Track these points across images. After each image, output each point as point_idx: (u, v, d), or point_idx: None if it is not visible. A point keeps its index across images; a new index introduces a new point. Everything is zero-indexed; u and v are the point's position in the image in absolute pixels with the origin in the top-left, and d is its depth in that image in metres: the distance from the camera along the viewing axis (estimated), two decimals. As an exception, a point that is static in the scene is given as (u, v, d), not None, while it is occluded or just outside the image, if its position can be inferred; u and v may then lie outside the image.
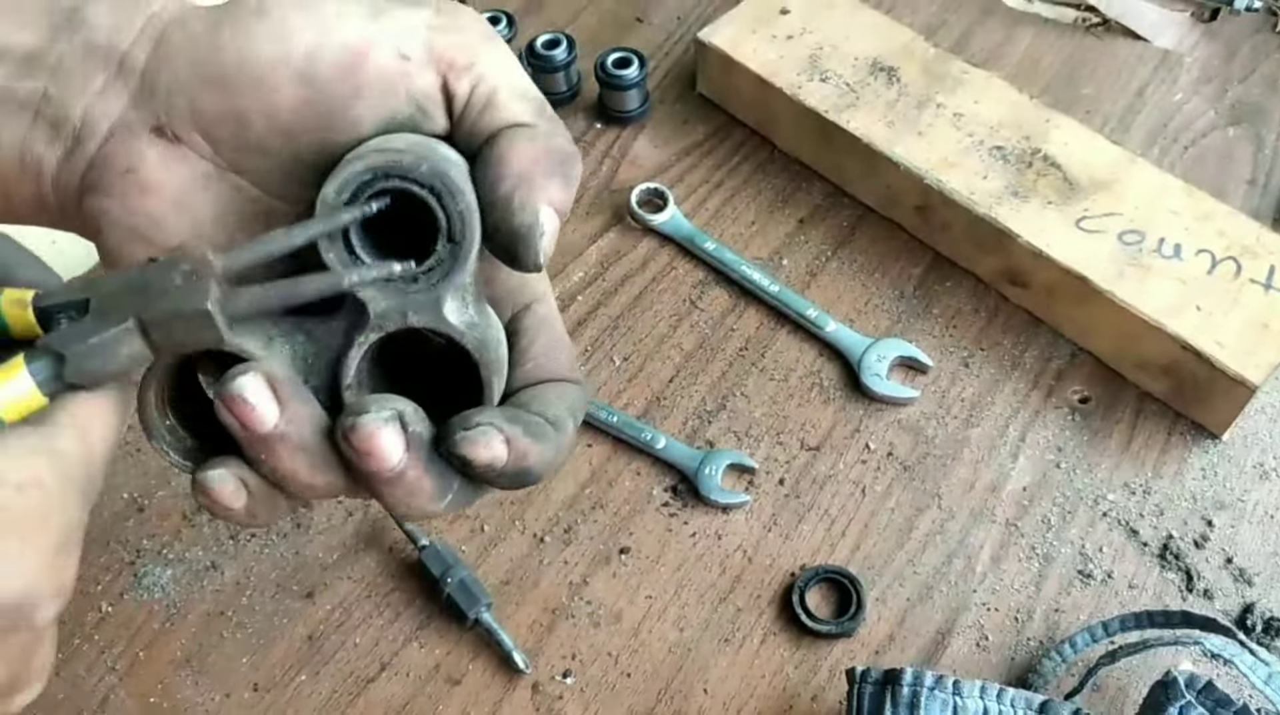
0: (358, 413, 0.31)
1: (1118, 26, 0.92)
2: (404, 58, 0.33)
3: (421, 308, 0.33)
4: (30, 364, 0.29)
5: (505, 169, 0.32)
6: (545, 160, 0.33)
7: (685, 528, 0.67)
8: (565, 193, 0.33)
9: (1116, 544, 0.65)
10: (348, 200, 0.32)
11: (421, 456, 0.32)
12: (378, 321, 0.33)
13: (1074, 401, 0.71)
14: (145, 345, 0.29)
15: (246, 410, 0.31)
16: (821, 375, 0.73)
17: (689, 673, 0.62)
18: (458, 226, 0.32)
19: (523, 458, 0.33)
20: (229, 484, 0.33)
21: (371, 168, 0.32)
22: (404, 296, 0.33)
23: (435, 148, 0.33)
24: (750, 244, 0.80)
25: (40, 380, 0.29)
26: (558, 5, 0.96)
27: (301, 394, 0.33)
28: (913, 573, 0.65)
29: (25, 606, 0.28)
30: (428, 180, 0.32)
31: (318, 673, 0.63)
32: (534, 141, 0.33)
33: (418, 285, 0.33)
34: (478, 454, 0.32)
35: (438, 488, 0.33)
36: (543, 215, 0.32)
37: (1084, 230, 0.72)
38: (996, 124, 0.78)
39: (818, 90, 0.80)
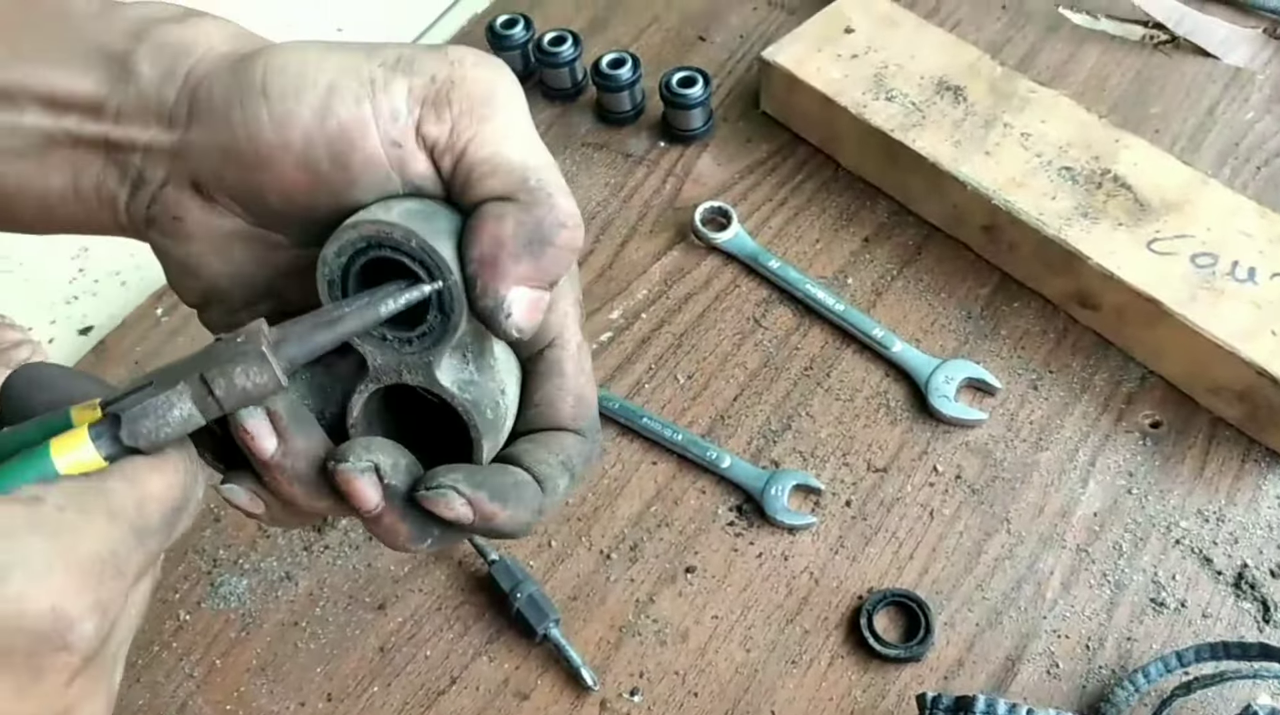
0: (339, 459, 0.34)
1: (1187, 44, 0.91)
2: (395, 144, 0.35)
3: (415, 368, 0.35)
4: (91, 429, 0.31)
5: (471, 252, 0.34)
6: (513, 240, 0.34)
7: (751, 548, 0.68)
8: (537, 268, 0.34)
9: (1190, 572, 0.65)
10: (345, 263, 0.34)
11: (396, 505, 0.35)
12: (376, 375, 0.36)
13: (1145, 426, 0.71)
14: (195, 407, 0.32)
15: (249, 439, 0.34)
16: (888, 396, 0.73)
17: (756, 694, 0.62)
18: (446, 300, 0.34)
19: (489, 519, 0.35)
20: (242, 496, 0.36)
21: (364, 237, 0.33)
22: (399, 356, 0.35)
23: (432, 217, 0.34)
24: (814, 262, 0.80)
25: (98, 442, 0.31)
26: (622, 24, 0.97)
27: (303, 429, 0.35)
28: (982, 598, 0.65)
29: (58, 620, 0.28)
30: (417, 255, 0.33)
31: (389, 684, 0.64)
32: (501, 220, 0.34)
33: (412, 348, 0.35)
34: (440, 511, 0.34)
35: (415, 532, 0.36)
36: (510, 296, 0.34)
37: (1155, 252, 0.71)
38: (1065, 144, 0.77)
39: (883, 109, 0.80)
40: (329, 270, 0.34)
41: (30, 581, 0.27)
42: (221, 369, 0.31)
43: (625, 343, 0.77)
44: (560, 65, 0.89)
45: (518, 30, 0.91)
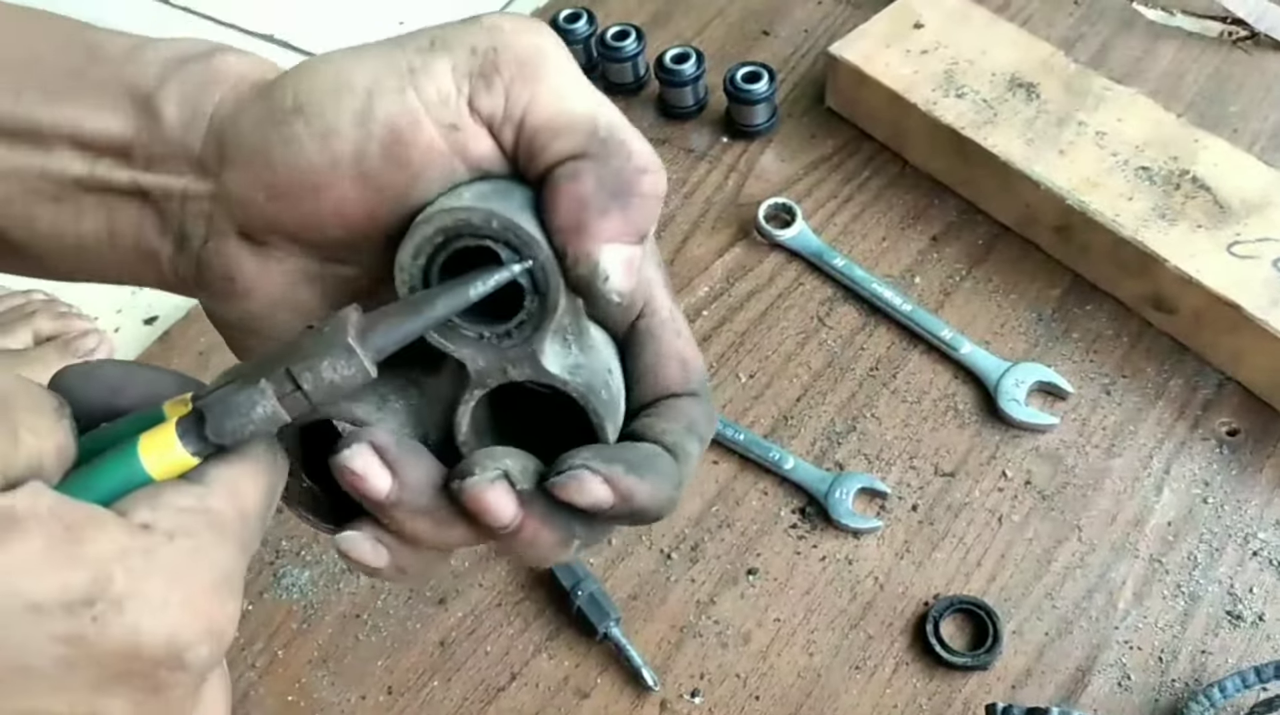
0: (463, 476, 0.32)
1: (1267, 40, 0.88)
2: (452, 128, 0.32)
3: (519, 362, 0.33)
4: (178, 426, 0.30)
5: (555, 221, 0.31)
6: (595, 197, 0.31)
7: (814, 551, 0.67)
8: (626, 221, 0.31)
9: (1268, 585, 0.63)
10: (424, 264, 0.32)
11: (536, 510, 0.32)
12: (479, 379, 0.33)
13: (1222, 433, 0.69)
14: (279, 404, 0.30)
15: (358, 481, 0.32)
16: (956, 398, 0.72)
17: (819, 699, 0.62)
18: (540, 278, 0.31)
19: (629, 497, 0.32)
20: (365, 545, 0.33)
21: (440, 229, 0.31)
22: (500, 353, 0.33)
23: (507, 194, 0.32)
24: (881, 261, 0.79)
25: (185, 440, 0.30)
26: (685, 18, 0.96)
27: (414, 457, 0.33)
28: (1051, 606, 0.63)
29: (174, 648, 0.28)
30: (501, 236, 0.31)
31: (449, 679, 0.64)
32: (578, 179, 0.31)
33: (511, 340, 0.32)
34: (576, 497, 0.31)
35: (560, 536, 0.33)
36: (604, 258, 0.31)
37: (1236, 256, 0.69)
38: (1142, 143, 0.75)
39: (954, 106, 0.79)
40: (407, 276, 0.32)
41: (147, 615, 0.27)
42: (307, 363, 0.30)
43: (687, 340, 0.77)
44: (623, 60, 0.89)
45: (580, 24, 0.91)
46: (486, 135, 0.32)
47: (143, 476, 0.30)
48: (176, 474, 0.30)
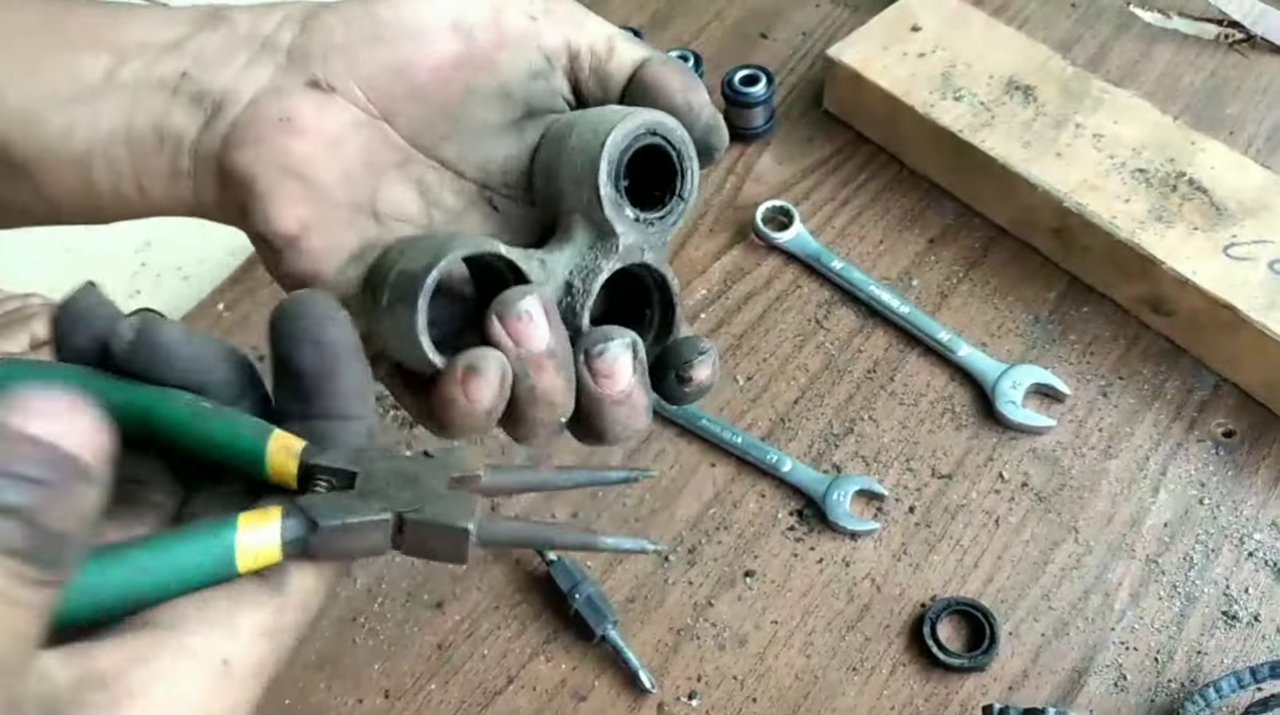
0: (606, 339, 0.36)
1: (1263, 43, 0.88)
2: (532, 18, 0.39)
3: (656, 247, 0.39)
4: (284, 520, 0.29)
5: (669, 88, 0.39)
6: (683, 73, 0.40)
7: (811, 553, 0.67)
8: (703, 90, 0.40)
9: (1264, 585, 0.63)
10: (626, 147, 0.37)
11: (643, 380, 0.37)
12: (625, 253, 0.37)
13: (1218, 435, 0.69)
14: (388, 541, 0.30)
15: (526, 326, 0.34)
16: (953, 401, 0.72)
17: (816, 701, 0.62)
18: (689, 185, 0.39)
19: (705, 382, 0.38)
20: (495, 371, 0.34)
21: (646, 123, 0.37)
22: (645, 235, 0.38)
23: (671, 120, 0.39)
24: (878, 263, 0.79)
25: (287, 540, 0.29)
26: (684, 21, 0.96)
27: (558, 317, 0.36)
28: (1048, 608, 0.63)
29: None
30: (677, 141, 0.38)
31: (447, 682, 0.64)
32: (667, 64, 0.40)
33: (654, 228, 0.38)
34: (704, 376, 0.38)
35: (648, 404, 0.38)
36: (711, 107, 0.40)
37: (1232, 258, 0.70)
38: (1139, 145, 0.75)
39: (951, 109, 0.79)
40: (610, 159, 0.36)
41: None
42: (421, 521, 0.30)
43: (685, 343, 0.77)
44: (621, 63, 0.89)
45: (579, 27, 0.91)
46: (559, 33, 0.39)
47: (229, 566, 0.28)
48: (260, 566, 0.29)
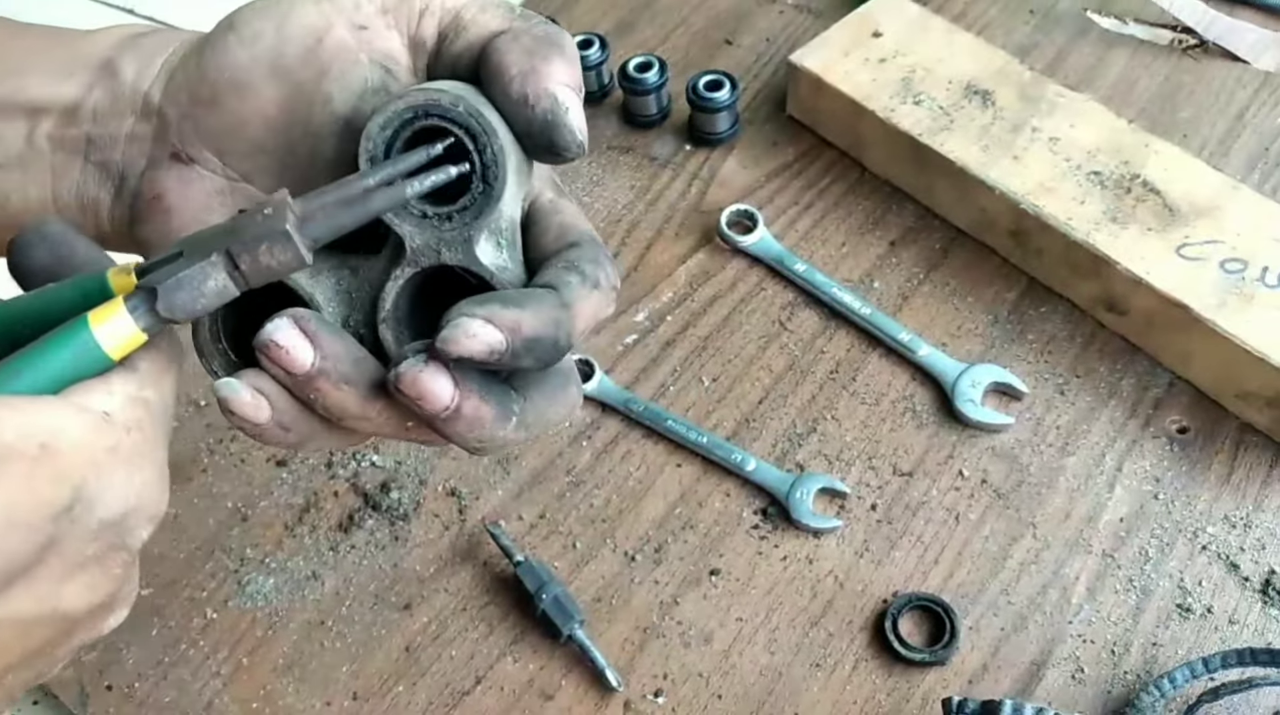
0: (398, 362, 0.33)
1: (1216, 48, 0.90)
2: (361, 28, 0.36)
3: (454, 245, 0.34)
4: (128, 302, 0.31)
5: (506, 74, 0.34)
6: (536, 49, 0.34)
7: (775, 551, 0.68)
8: (569, 68, 0.35)
9: (1217, 578, 0.64)
10: (390, 136, 0.33)
11: (474, 386, 0.33)
12: (413, 257, 0.35)
13: (1172, 431, 0.70)
14: (229, 279, 0.31)
15: (281, 354, 0.33)
16: (914, 400, 0.73)
17: (780, 697, 0.63)
18: (491, 168, 0.33)
19: (517, 328, 0.32)
20: (244, 395, 0.34)
21: (411, 106, 0.33)
22: (438, 233, 0.34)
23: (475, 92, 0.34)
24: (840, 266, 0.80)
25: (136, 314, 0.31)
26: (649, 27, 0.97)
27: (334, 331, 0.34)
28: (1007, 602, 0.64)
29: (129, 526, 0.31)
30: (463, 119, 0.33)
31: (415, 684, 0.65)
32: (518, 39, 0.35)
33: (451, 224, 0.34)
34: (469, 344, 0.32)
35: (499, 412, 0.34)
36: (560, 95, 0.34)
37: (1184, 258, 0.71)
38: (1094, 148, 0.77)
39: (911, 113, 0.80)
40: (372, 145, 0.34)
41: (112, 508, 0.30)
42: (245, 245, 0.31)
43: (650, 345, 0.78)
44: (587, 68, 0.89)
45: (544, 33, 0.92)
46: (395, 34, 0.36)
47: (100, 356, 0.30)
48: (131, 350, 0.31)
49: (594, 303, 0.35)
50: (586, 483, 0.71)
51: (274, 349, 0.33)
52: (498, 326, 0.32)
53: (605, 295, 0.36)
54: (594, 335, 0.78)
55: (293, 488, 0.72)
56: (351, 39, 0.36)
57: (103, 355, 0.31)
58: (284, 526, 0.71)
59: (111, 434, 0.30)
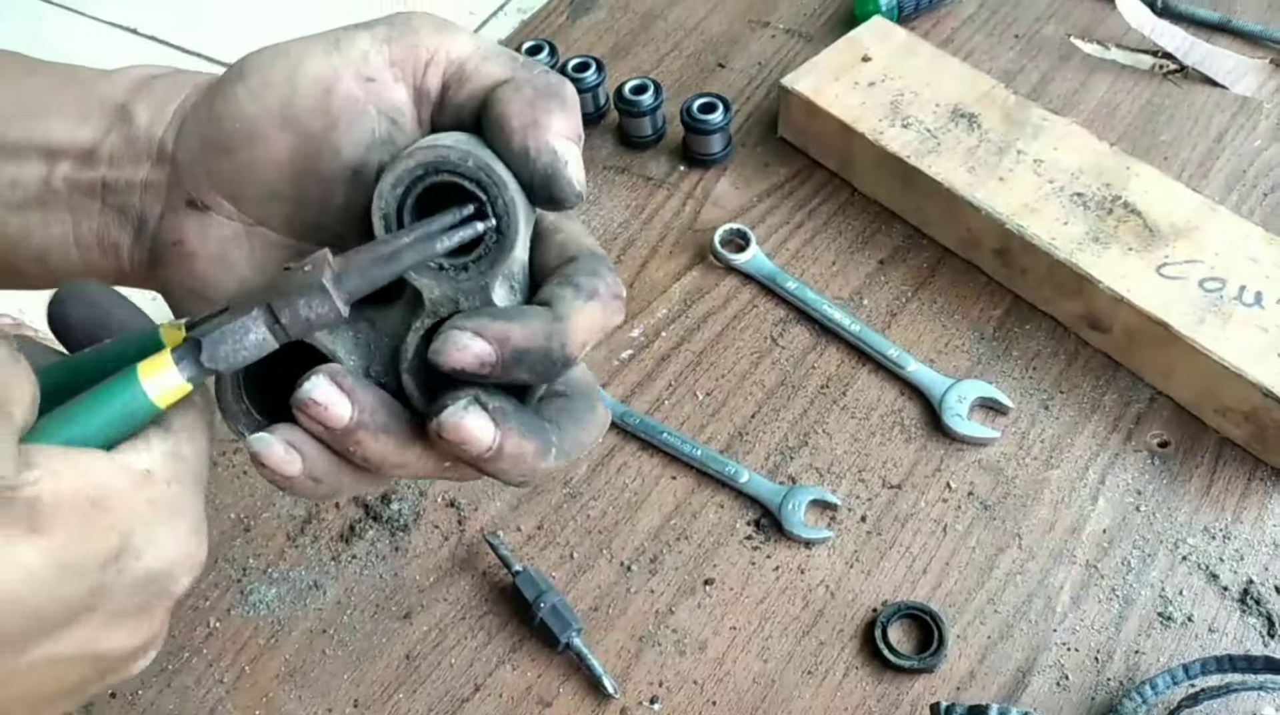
0: (439, 411, 0.34)
1: (1195, 73, 0.93)
2: (368, 80, 0.36)
3: (471, 294, 0.35)
4: (174, 353, 0.33)
5: (507, 126, 0.35)
6: (538, 101, 0.35)
7: (768, 561, 0.69)
8: (568, 120, 0.35)
9: (1197, 588, 0.66)
10: (401, 194, 0.34)
11: (514, 425, 0.34)
12: (433, 308, 0.36)
13: (1153, 445, 0.72)
14: (269, 332, 0.33)
15: (320, 411, 0.34)
16: (903, 414, 0.75)
17: (773, 703, 0.64)
18: (504, 219, 0.34)
19: (506, 340, 0.33)
20: (278, 448, 0.35)
21: (422, 163, 0.34)
22: (455, 284, 0.35)
23: (480, 144, 0.35)
24: (831, 284, 0.82)
25: (181, 365, 0.33)
26: (644, 51, 0.99)
27: (364, 383, 0.35)
28: (993, 611, 0.66)
29: (173, 576, 0.32)
30: (473, 174, 0.34)
31: (415, 691, 0.66)
32: (519, 90, 0.35)
33: (468, 274, 0.35)
34: (459, 356, 0.33)
35: (539, 446, 0.35)
36: (559, 148, 0.35)
37: (1165, 277, 0.73)
38: (1077, 170, 0.79)
39: (899, 136, 0.82)
40: (385, 203, 0.35)
41: (157, 559, 0.31)
42: (286, 299, 0.32)
43: (645, 360, 0.79)
44: (584, 91, 0.92)
45: (542, 57, 0.94)
46: (401, 86, 0.37)
47: (146, 404, 0.32)
48: (177, 400, 0.33)
49: (591, 313, 0.35)
50: (583, 494, 0.73)
51: (313, 406, 0.34)
52: (486, 339, 0.33)
53: (606, 304, 0.36)
54: (590, 350, 0.79)
55: (294, 499, 0.74)
56: (359, 91, 0.36)
57: (149, 403, 0.32)
58: (286, 537, 0.72)
59: (152, 488, 0.31)
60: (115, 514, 0.30)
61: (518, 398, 0.36)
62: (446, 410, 0.33)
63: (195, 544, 0.33)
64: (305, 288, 0.32)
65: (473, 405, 0.33)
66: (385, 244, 0.34)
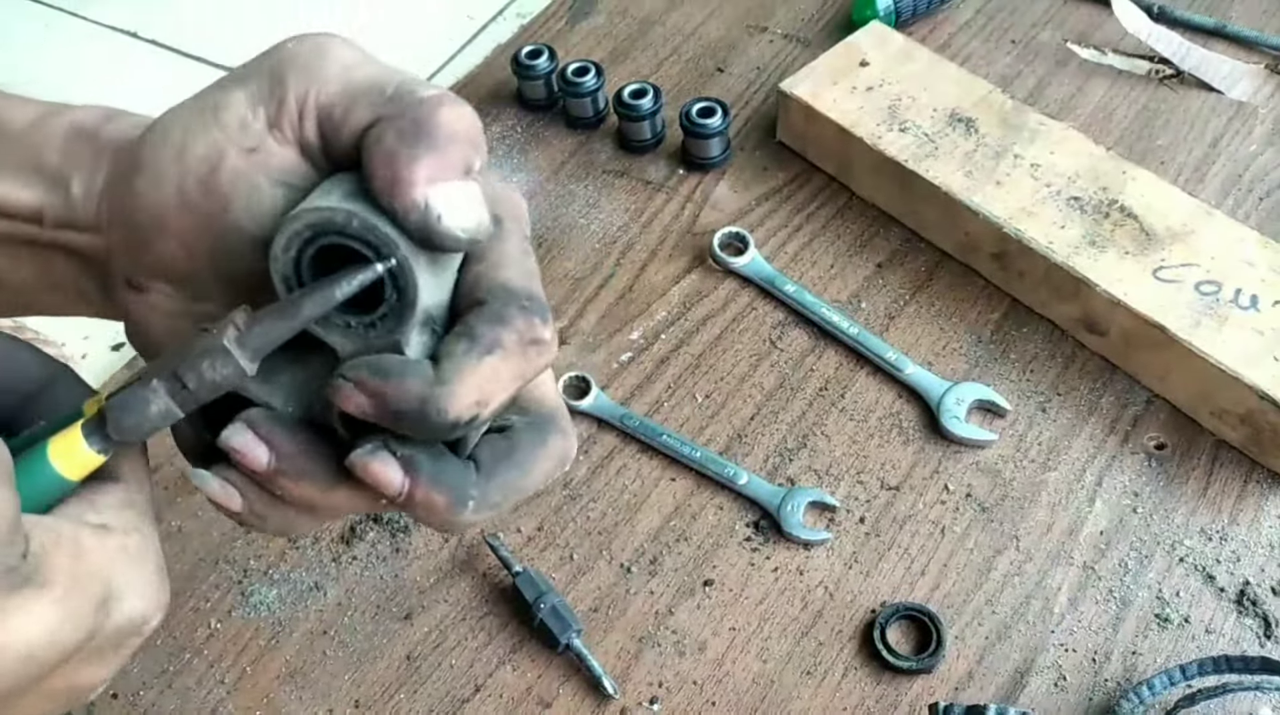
0: (352, 450, 0.34)
1: (1191, 78, 0.93)
2: (251, 151, 0.35)
3: (383, 349, 0.34)
4: (84, 427, 0.34)
5: (375, 184, 0.32)
6: (400, 147, 0.32)
7: (767, 563, 0.70)
8: (439, 159, 0.32)
9: (1193, 589, 0.67)
10: (295, 256, 0.34)
11: (423, 475, 0.33)
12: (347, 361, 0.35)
13: (1150, 447, 0.73)
14: (171, 401, 0.34)
15: (241, 457, 0.34)
16: (901, 416, 0.75)
17: (772, 704, 0.64)
18: (399, 277, 0.33)
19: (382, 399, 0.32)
20: (213, 484, 0.35)
21: (309, 225, 0.33)
22: (366, 341, 0.34)
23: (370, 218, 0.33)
24: (829, 287, 0.82)
25: (91, 440, 0.34)
26: (643, 56, 1.00)
27: (286, 430, 0.35)
28: (991, 612, 0.67)
29: (147, 619, 0.34)
30: (360, 235, 0.32)
31: (415, 692, 0.66)
32: (382, 139, 0.33)
33: (376, 331, 0.34)
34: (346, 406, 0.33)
35: (451, 500, 0.34)
36: (431, 199, 0.32)
37: (1161, 280, 0.74)
38: (1073, 174, 0.80)
39: (897, 140, 0.83)
40: (280, 265, 0.34)
41: (135, 601, 0.33)
42: (190, 363, 0.33)
43: (645, 363, 0.80)
44: (583, 95, 0.92)
45: (542, 61, 0.94)
46: (290, 148, 0.35)
47: (57, 478, 0.34)
48: (89, 471, 0.34)
49: (487, 369, 0.33)
50: (583, 496, 0.73)
51: (234, 453, 0.34)
52: (365, 392, 0.32)
53: (514, 354, 0.33)
54: (590, 352, 0.80)
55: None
56: (245, 164, 0.35)
57: (59, 477, 0.34)
58: (287, 539, 0.73)
59: (115, 539, 0.33)
60: (95, 563, 0.32)
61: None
62: (355, 451, 0.33)
63: (162, 585, 0.35)
64: (209, 350, 0.33)
65: (380, 450, 0.33)
66: (287, 301, 0.34)
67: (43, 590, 0.30)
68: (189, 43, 1.16)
